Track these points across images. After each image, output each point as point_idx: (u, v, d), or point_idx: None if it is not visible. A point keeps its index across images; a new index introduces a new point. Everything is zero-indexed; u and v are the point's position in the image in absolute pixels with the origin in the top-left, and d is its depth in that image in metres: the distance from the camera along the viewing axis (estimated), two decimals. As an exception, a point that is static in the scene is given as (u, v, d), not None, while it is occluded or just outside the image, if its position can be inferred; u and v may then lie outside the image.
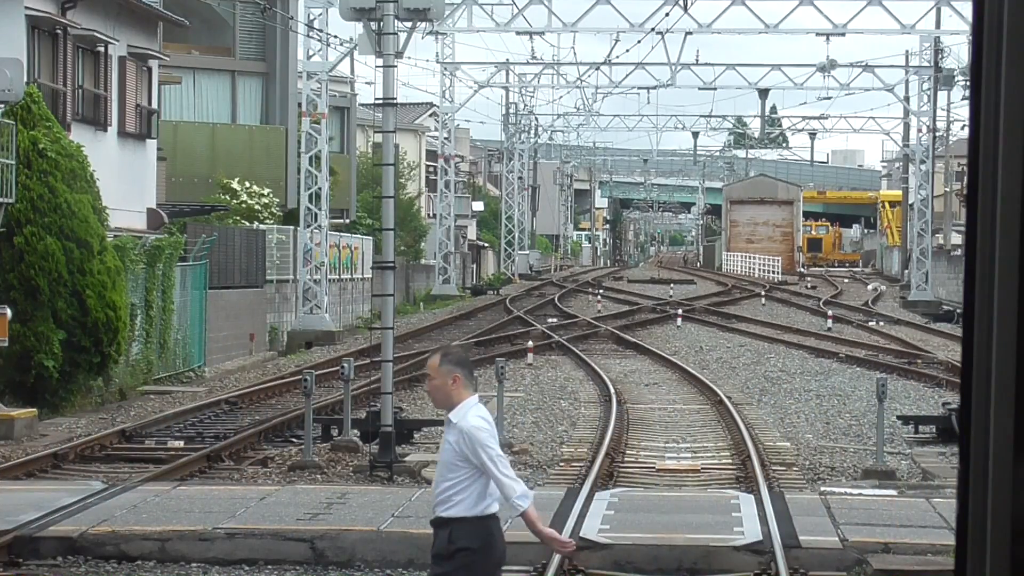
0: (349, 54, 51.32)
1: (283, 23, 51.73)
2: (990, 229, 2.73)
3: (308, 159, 47.37)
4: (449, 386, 9.73)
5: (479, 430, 9.63)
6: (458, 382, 9.73)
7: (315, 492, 19.17)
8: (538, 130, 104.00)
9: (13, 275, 29.16)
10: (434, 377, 9.83)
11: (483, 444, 9.61)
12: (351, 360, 25.37)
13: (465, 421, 9.68)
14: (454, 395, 9.73)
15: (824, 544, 15.87)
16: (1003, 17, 2.71)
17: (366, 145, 76.52)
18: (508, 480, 9.70)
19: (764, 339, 46.38)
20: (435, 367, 9.82)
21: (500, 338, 45.74)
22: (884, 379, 24.31)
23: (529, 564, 15.46)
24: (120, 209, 35.48)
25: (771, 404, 30.47)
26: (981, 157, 2.76)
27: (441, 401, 9.88)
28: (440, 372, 9.76)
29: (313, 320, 47.06)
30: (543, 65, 76.02)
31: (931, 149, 69.40)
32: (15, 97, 28.57)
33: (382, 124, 23.98)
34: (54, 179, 29.58)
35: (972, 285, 2.77)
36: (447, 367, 9.76)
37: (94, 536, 16.06)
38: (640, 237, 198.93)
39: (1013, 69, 2.71)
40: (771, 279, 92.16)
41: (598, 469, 20.94)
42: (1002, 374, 2.72)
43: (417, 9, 23.23)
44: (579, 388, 33.16)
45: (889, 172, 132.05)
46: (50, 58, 34.96)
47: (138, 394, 32.33)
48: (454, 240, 75.18)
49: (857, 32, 59.61)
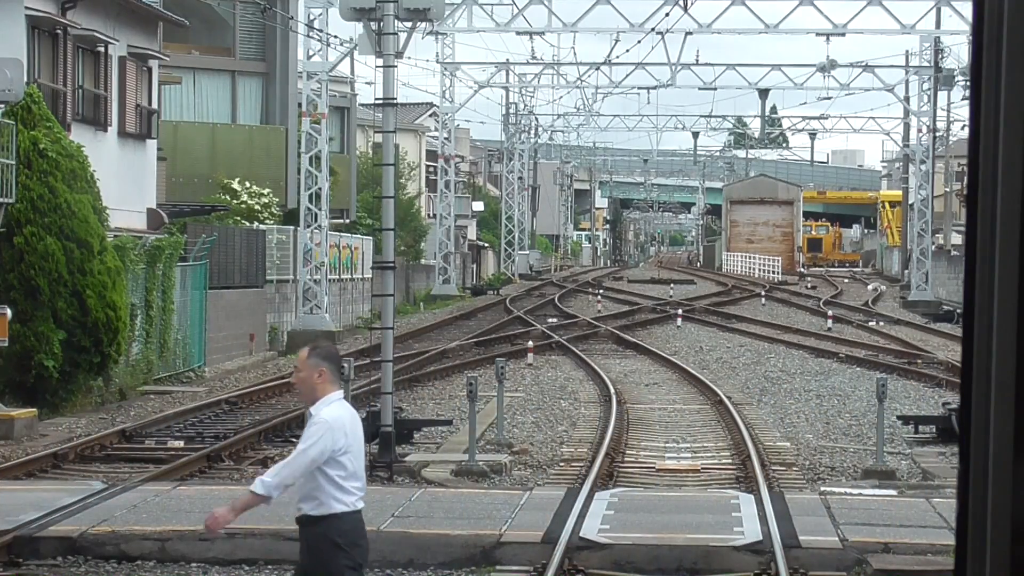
0: (349, 54, 51.32)
1: (283, 23, 51.73)
2: (990, 229, 2.73)
3: (308, 159, 47.37)
4: (315, 380, 9.78)
5: (327, 425, 9.65)
6: (324, 376, 9.78)
7: (315, 492, 19.15)
8: (538, 130, 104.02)
9: (13, 275, 29.16)
10: (301, 370, 9.89)
11: (315, 438, 9.61)
12: (351, 360, 25.38)
13: (321, 413, 9.72)
14: (319, 389, 9.78)
15: (824, 544, 15.87)
16: (1003, 17, 2.72)
17: (366, 145, 76.51)
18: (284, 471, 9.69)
19: (764, 339, 46.38)
20: (303, 360, 9.89)
21: (500, 338, 45.75)
22: (884, 379, 24.32)
23: (529, 564, 15.47)
24: (120, 209, 35.48)
25: (771, 404, 30.48)
26: (981, 157, 2.76)
27: (306, 394, 9.93)
28: (307, 365, 9.82)
29: (313, 320, 47.05)
30: (543, 65, 76.03)
31: (931, 149, 69.39)
32: (15, 97, 28.57)
33: (382, 124, 23.98)
34: (54, 179, 29.58)
35: (972, 285, 2.77)
36: (314, 361, 9.82)
37: (94, 536, 16.06)
38: (640, 237, 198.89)
39: (1013, 69, 2.71)
40: (771, 279, 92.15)
41: (598, 469, 20.95)
42: (1002, 374, 2.72)
43: (417, 9, 23.23)
44: (579, 388, 33.16)
45: (889, 172, 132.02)
46: (50, 58, 34.96)
47: (138, 394, 32.33)
48: (454, 240, 75.18)
49: (857, 32, 59.60)
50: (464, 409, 25.12)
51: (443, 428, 25.68)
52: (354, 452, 9.81)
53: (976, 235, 2.76)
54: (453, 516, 17.17)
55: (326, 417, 9.69)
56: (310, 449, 9.62)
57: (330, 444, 9.64)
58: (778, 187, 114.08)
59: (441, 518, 17.05)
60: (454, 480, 20.92)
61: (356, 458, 9.87)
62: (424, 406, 29.82)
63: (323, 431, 9.64)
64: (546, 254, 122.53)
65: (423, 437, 25.00)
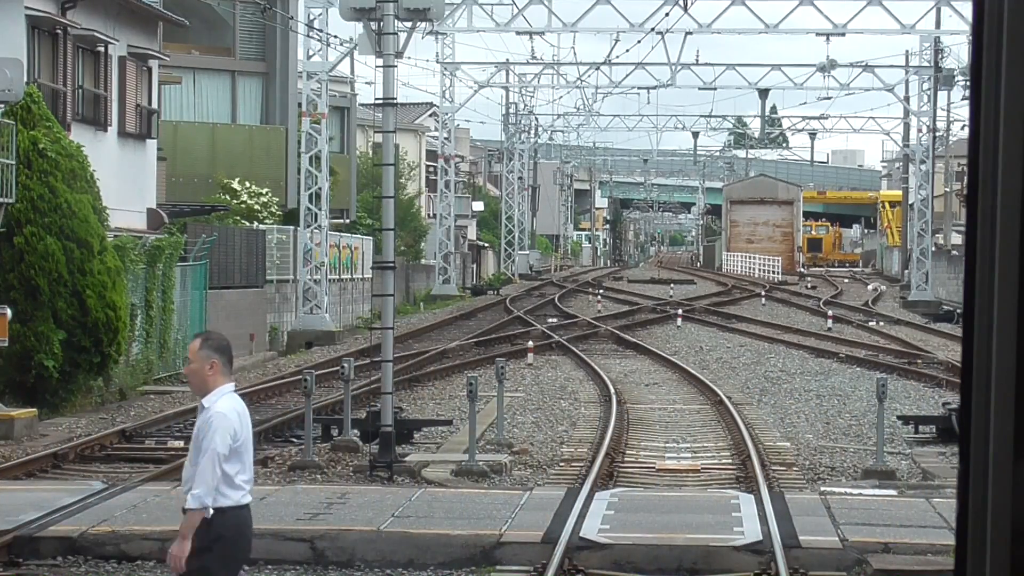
0: (349, 54, 51.32)
1: (283, 23, 51.73)
2: (990, 229, 2.73)
3: (308, 159, 47.38)
4: (206, 371, 9.78)
5: (222, 417, 9.65)
6: (215, 368, 9.77)
7: (315, 492, 19.17)
8: (538, 130, 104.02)
9: (13, 275, 29.16)
10: (192, 361, 9.88)
11: (214, 431, 9.61)
12: (351, 360, 25.38)
13: (214, 406, 9.70)
14: (210, 381, 9.78)
15: (824, 544, 15.87)
16: (1003, 17, 2.72)
17: (366, 145, 76.51)
18: (206, 476, 9.64)
19: (764, 339, 46.38)
20: (194, 351, 9.88)
21: (500, 338, 45.75)
22: (884, 379, 24.32)
23: (529, 564, 15.47)
24: (120, 209, 35.48)
25: (771, 404, 30.47)
26: (981, 157, 2.76)
27: (198, 386, 9.92)
28: (199, 357, 9.82)
29: (313, 320, 47.07)
30: (543, 65, 76.04)
31: (931, 149, 69.39)
32: (15, 97, 28.57)
33: (382, 124, 23.98)
34: (54, 179, 29.58)
35: (972, 285, 2.77)
36: (206, 352, 9.82)
37: (94, 536, 16.05)
38: (640, 237, 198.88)
39: (1013, 69, 2.71)
40: (771, 279, 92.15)
41: (598, 469, 20.94)
42: (1002, 374, 2.72)
43: (417, 9, 23.23)
44: (579, 388, 33.16)
45: (889, 172, 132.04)
46: (50, 58, 34.96)
47: (138, 394, 32.33)
48: (454, 240, 75.17)
49: (857, 32, 59.62)
50: (464, 409, 25.11)
51: (443, 428, 25.68)
52: (245, 446, 9.77)
53: (976, 235, 2.76)
54: (453, 516, 17.17)
55: (221, 409, 9.68)
56: (217, 446, 9.61)
57: (230, 436, 9.65)
58: (778, 187, 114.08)
59: (441, 518, 17.05)
60: (454, 480, 20.91)
61: (246, 452, 9.82)
62: (424, 406, 29.82)
63: (222, 423, 9.63)
64: (546, 254, 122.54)
65: (423, 437, 25.00)
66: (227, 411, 9.69)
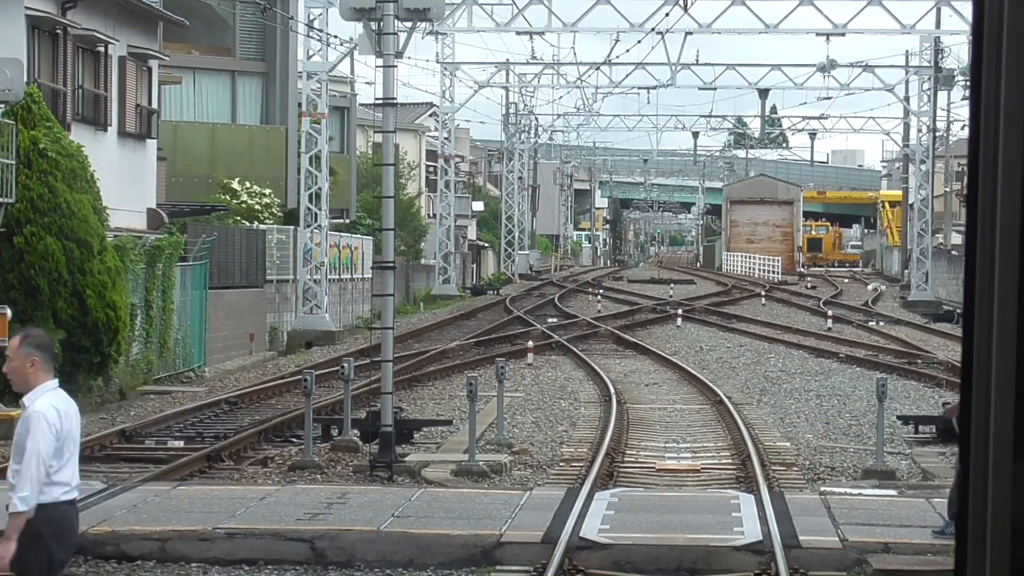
0: (349, 54, 51.33)
1: (283, 23, 51.72)
2: (990, 229, 2.73)
3: (308, 159, 47.38)
4: (27, 369, 9.69)
5: (41, 416, 9.57)
6: (36, 365, 9.69)
7: (315, 492, 19.17)
8: (538, 130, 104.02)
9: (13, 275, 29.16)
10: (12, 359, 9.77)
11: (35, 432, 9.53)
12: (351, 360, 25.38)
13: (33, 405, 9.64)
14: (31, 378, 9.70)
15: (824, 544, 15.87)
16: (1003, 17, 2.72)
17: (366, 145, 76.50)
18: (28, 479, 9.55)
19: (764, 339, 46.39)
20: (14, 349, 9.77)
21: (500, 338, 45.75)
22: (884, 379, 24.32)
23: (529, 564, 15.47)
24: (120, 209, 35.48)
25: (771, 404, 30.47)
26: (981, 157, 2.76)
27: (19, 384, 9.81)
28: (19, 354, 9.72)
29: (313, 320, 47.06)
30: (543, 65, 76.02)
31: (931, 149, 69.39)
32: (15, 97, 28.57)
33: (382, 124, 23.98)
34: (54, 179, 29.58)
35: (972, 285, 2.77)
36: (26, 349, 9.72)
37: (94, 536, 16.05)
38: (640, 237, 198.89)
39: (1013, 69, 2.71)
40: (771, 279, 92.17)
41: (598, 469, 20.94)
42: (1002, 374, 2.72)
43: (417, 9, 23.23)
44: (579, 388, 33.16)
45: (889, 172, 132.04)
46: (50, 58, 34.96)
47: (138, 394, 32.33)
48: (454, 240, 75.18)
49: (857, 32, 59.63)
50: (464, 409, 25.11)
51: (443, 428, 25.68)
52: (67, 443, 9.69)
53: (976, 235, 2.76)
54: (453, 516, 17.17)
55: (39, 408, 9.60)
56: (40, 447, 9.53)
57: (52, 435, 9.57)
58: (778, 187, 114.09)
59: (441, 518, 17.05)
60: (454, 480, 20.91)
61: (68, 449, 9.73)
62: (424, 406, 29.82)
63: (41, 423, 9.55)
64: (546, 254, 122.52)
65: (423, 437, 25.00)
66: (45, 409, 9.58)
